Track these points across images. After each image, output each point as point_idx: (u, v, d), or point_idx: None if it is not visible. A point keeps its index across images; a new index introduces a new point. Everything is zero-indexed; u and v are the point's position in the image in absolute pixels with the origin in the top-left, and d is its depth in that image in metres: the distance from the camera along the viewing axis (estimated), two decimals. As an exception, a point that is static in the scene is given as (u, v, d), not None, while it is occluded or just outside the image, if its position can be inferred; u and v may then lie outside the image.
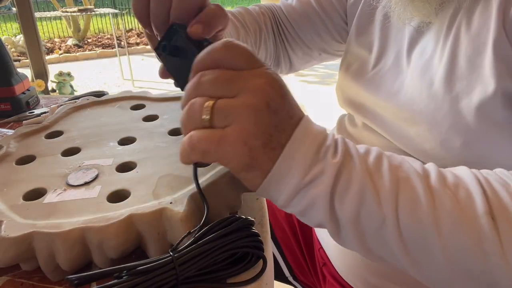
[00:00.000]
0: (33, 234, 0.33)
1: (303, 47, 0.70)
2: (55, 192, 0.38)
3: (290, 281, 0.73)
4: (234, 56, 0.31)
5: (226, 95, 0.30)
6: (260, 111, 0.29)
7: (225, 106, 0.30)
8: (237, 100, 0.30)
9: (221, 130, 0.30)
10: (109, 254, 0.33)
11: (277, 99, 0.30)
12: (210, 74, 0.31)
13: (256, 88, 0.30)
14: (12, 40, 5.21)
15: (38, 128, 0.51)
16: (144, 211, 0.34)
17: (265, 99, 0.30)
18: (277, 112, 0.30)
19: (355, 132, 0.58)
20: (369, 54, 0.57)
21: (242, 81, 0.30)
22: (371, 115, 0.54)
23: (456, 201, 0.30)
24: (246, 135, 0.29)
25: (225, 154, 0.30)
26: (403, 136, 0.48)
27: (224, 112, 0.30)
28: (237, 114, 0.29)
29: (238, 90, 0.30)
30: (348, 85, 0.59)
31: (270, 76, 0.31)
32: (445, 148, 0.43)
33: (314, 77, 4.28)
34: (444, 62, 0.44)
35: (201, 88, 0.31)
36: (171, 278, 0.30)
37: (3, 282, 0.34)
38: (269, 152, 0.30)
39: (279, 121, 0.30)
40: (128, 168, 0.42)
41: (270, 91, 0.30)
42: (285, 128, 0.30)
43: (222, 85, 0.30)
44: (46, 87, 2.59)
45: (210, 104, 0.30)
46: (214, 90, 0.31)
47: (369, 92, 0.54)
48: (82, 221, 0.34)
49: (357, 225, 0.30)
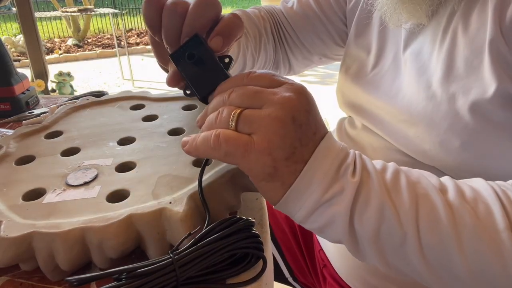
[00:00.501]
0: (32, 234, 0.33)
1: (303, 51, 0.70)
2: (54, 192, 0.38)
3: (290, 282, 0.73)
4: (260, 80, 0.33)
5: (254, 106, 0.31)
6: (285, 124, 0.30)
7: (252, 115, 0.31)
8: (264, 111, 0.31)
9: (248, 137, 0.30)
10: (108, 254, 0.33)
11: (303, 113, 0.31)
12: (238, 89, 0.32)
13: (283, 101, 0.31)
14: (12, 40, 5.21)
15: (37, 128, 0.51)
16: (144, 211, 0.34)
17: (291, 113, 0.30)
18: (301, 126, 0.31)
19: (355, 134, 0.58)
20: (367, 56, 0.57)
21: (270, 94, 0.31)
22: (371, 117, 0.54)
23: (475, 216, 0.30)
24: (271, 145, 0.30)
25: (249, 161, 0.30)
26: (402, 137, 0.48)
27: (250, 120, 0.31)
28: (264, 124, 0.30)
29: (265, 102, 0.31)
30: (348, 87, 0.59)
31: (297, 90, 0.32)
32: (444, 149, 0.43)
33: (314, 77, 4.28)
34: (441, 64, 0.44)
35: (229, 100, 0.32)
36: (171, 280, 0.30)
37: (3, 282, 0.34)
38: (291, 165, 0.31)
39: (303, 136, 0.31)
40: (128, 168, 0.42)
41: (297, 105, 0.31)
42: (308, 143, 0.31)
43: (250, 96, 0.32)
44: (46, 87, 2.59)
45: (238, 111, 0.31)
46: (242, 101, 0.32)
47: (368, 94, 0.54)
48: (81, 221, 0.34)
49: (377, 242, 0.31)
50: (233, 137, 0.30)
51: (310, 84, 4.00)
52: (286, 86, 0.32)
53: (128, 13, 7.08)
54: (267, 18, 0.68)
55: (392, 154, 0.50)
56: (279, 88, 0.32)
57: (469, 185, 0.33)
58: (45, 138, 0.49)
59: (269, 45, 0.68)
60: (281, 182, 0.31)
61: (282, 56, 0.71)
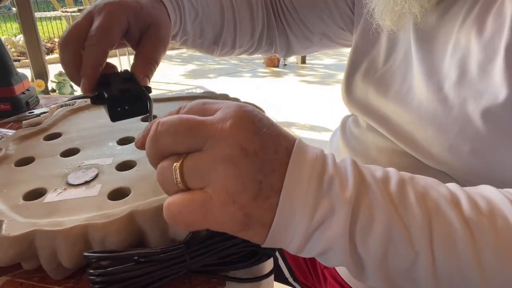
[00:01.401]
0: (34, 232, 0.33)
1: (304, 30, 0.67)
2: (55, 192, 0.38)
3: (291, 282, 0.73)
4: (190, 111, 0.29)
5: (193, 147, 0.26)
6: (237, 160, 0.25)
7: (196, 165, 0.26)
8: (207, 154, 0.26)
9: (201, 194, 0.26)
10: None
11: (252, 138, 0.26)
12: (167, 124, 0.27)
13: (224, 135, 0.26)
14: (12, 40, 5.21)
15: (36, 130, 0.51)
16: (146, 208, 0.34)
17: (238, 144, 0.26)
18: (256, 153, 0.26)
19: (360, 133, 0.58)
20: (377, 51, 0.56)
21: (206, 129, 0.26)
22: (378, 116, 0.53)
23: (495, 232, 0.27)
24: (231, 192, 0.25)
25: (214, 221, 0.26)
26: (409, 140, 0.48)
27: (195, 171, 0.26)
28: (213, 171, 0.25)
29: (204, 140, 0.26)
30: (355, 83, 0.58)
31: (236, 114, 0.27)
32: (453, 153, 0.42)
33: (314, 77, 4.28)
34: (454, 67, 0.43)
35: (161, 143, 0.27)
36: (182, 268, 0.31)
37: (3, 282, 0.34)
38: (263, 203, 0.26)
39: (264, 163, 0.26)
40: (128, 167, 0.42)
41: (241, 132, 0.26)
42: (273, 167, 0.26)
43: (184, 137, 0.26)
44: (46, 87, 2.59)
45: (178, 164, 0.26)
46: (177, 144, 0.27)
47: (377, 92, 0.53)
48: (83, 218, 0.34)
49: (384, 265, 0.27)
50: (185, 204, 0.26)
51: (310, 84, 4.01)
52: (222, 111, 0.27)
53: (128, 13, 7.06)
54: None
55: (398, 155, 0.50)
56: (215, 116, 0.27)
57: (481, 194, 0.29)
58: (44, 140, 0.49)
59: (257, 19, 0.65)
60: (259, 224, 0.26)
61: (279, 33, 0.69)
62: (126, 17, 0.43)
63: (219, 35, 0.62)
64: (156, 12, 0.47)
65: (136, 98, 0.41)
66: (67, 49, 0.42)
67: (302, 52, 0.73)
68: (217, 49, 0.64)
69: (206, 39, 0.61)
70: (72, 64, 0.42)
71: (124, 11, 0.43)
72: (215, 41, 0.62)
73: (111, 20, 0.42)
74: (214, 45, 0.63)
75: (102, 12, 0.42)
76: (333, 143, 0.63)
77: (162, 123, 0.27)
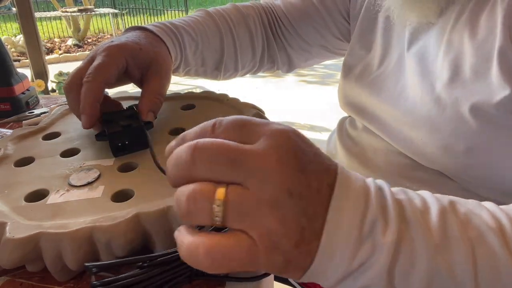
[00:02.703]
0: (40, 235, 0.32)
1: (301, 43, 0.69)
2: (58, 193, 0.38)
3: (290, 281, 0.73)
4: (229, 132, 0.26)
5: (232, 180, 0.24)
6: (282, 203, 0.24)
7: (240, 203, 0.24)
8: (251, 193, 0.24)
9: (246, 239, 0.24)
10: (116, 252, 0.33)
11: (298, 177, 0.24)
12: (206, 150, 0.24)
13: (270, 173, 0.24)
14: (12, 40, 5.21)
15: (34, 130, 0.51)
16: (151, 209, 0.34)
17: (284, 186, 0.24)
18: (301, 195, 0.24)
19: (356, 135, 0.58)
20: (372, 56, 0.57)
21: (249, 163, 0.24)
22: (373, 118, 0.54)
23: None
24: (275, 239, 0.24)
25: (255, 265, 0.25)
26: (404, 140, 0.48)
27: (239, 210, 0.24)
28: (257, 214, 0.24)
29: (247, 175, 0.24)
30: (350, 87, 0.59)
31: (280, 147, 0.25)
32: (448, 153, 0.43)
33: (314, 77, 4.28)
34: (446, 68, 0.43)
35: (197, 169, 0.25)
36: (186, 270, 0.31)
37: (3, 282, 0.34)
38: (304, 249, 0.24)
39: (307, 205, 0.24)
40: (130, 168, 0.42)
41: (287, 171, 0.24)
42: (315, 210, 0.24)
43: (225, 168, 0.24)
44: (46, 87, 2.59)
45: (221, 199, 0.24)
46: (215, 174, 0.24)
47: (372, 94, 0.54)
48: (88, 220, 0.34)
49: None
50: (230, 249, 0.24)
51: (309, 84, 4.01)
52: (265, 140, 0.25)
53: (128, 13, 7.07)
54: (257, 12, 0.68)
55: (393, 156, 0.50)
56: (258, 146, 0.25)
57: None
58: (43, 140, 0.49)
59: (257, 39, 0.67)
60: (297, 268, 0.25)
61: (279, 49, 0.70)
62: (125, 57, 0.47)
63: (220, 61, 0.64)
64: (156, 50, 0.50)
65: (136, 133, 0.44)
66: (71, 93, 0.46)
67: (303, 64, 0.75)
68: (220, 74, 0.66)
69: (208, 67, 0.63)
70: (77, 106, 0.45)
71: (122, 52, 0.47)
72: (217, 67, 0.65)
73: (109, 60, 0.46)
74: (217, 70, 0.65)
75: (102, 53, 0.46)
76: (331, 143, 0.64)
77: (199, 148, 0.25)
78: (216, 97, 0.56)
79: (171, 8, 6.89)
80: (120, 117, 0.47)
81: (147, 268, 0.30)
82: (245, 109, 0.51)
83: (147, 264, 0.30)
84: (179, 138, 0.28)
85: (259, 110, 0.52)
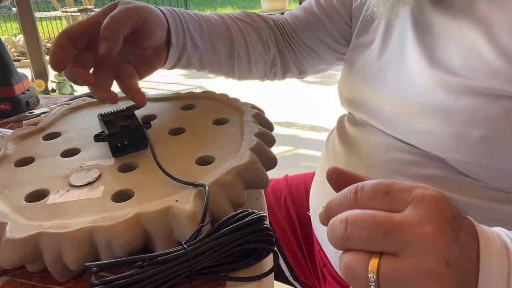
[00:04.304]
0: (40, 235, 0.33)
1: (310, 52, 0.70)
2: (58, 193, 0.38)
3: (291, 281, 0.73)
4: (376, 200, 0.26)
5: (387, 251, 0.25)
6: (441, 276, 0.24)
7: (395, 274, 0.24)
8: (408, 264, 0.24)
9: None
10: (117, 253, 0.33)
11: (453, 247, 0.24)
12: (358, 225, 0.25)
13: (426, 244, 0.24)
14: (12, 40, 5.20)
15: (35, 129, 0.51)
16: (151, 210, 0.34)
17: (442, 257, 0.24)
18: (457, 264, 0.24)
19: (355, 131, 0.58)
20: (372, 50, 0.57)
21: (403, 234, 0.24)
22: (372, 112, 0.54)
23: None
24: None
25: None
26: (408, 131, 0.48)
27: (395, 281, 0.24)
28: (414, 284, 0.24)
29: (401, 246, 0.24)
30: (350, 81, 0.59)
31: (434, 216, 0.25)
32: (460, 141, 0.42)
33: (314, 77, 4.28)
34: (462, 54, 0.43)
35: (352, 243, 0.26)
36: (185, 269, 0.31)
37: (3, 282, 0.34)
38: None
39: (462, 274, 0.24)
40: (130, 168, 0.42)
41: (442, 241, 0.24)
42: (467, 277, 0.24)
43: (378, 241, 0.25)
44: (46, 87, 2.59)
45: (374, 269, 0.25)
46: (369, 247, 0.25)
47: (373, 87, 0.54)
48: (88, 220, 0.34)
49: None
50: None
51: (310, 84, 4.01)
52: (415, 209, 0.25)
53: (128, 13, 7.07)
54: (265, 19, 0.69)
55: (391, 152, 0.50)
56: (410, 215, 0.25)
57: None
58: (43, 140, 0.49)
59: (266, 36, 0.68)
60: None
61: (291, 56, 0.71)
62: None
63: (231, 47, 0.63)
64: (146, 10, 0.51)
65: (134, 133, 0.45)
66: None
67: (316, 72, 0.75)
68: (234, 64, 0.65)
69: (221, 54, 0.62)
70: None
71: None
72: (230, 53, 0.63)
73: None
74: (230, 58, 0.64)
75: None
76: (329, 142, 0.64)
77: (351, 222, 0.26)
78: (216, 97, 0.56)
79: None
80: (118, 118, 0.47)
81: (147, 268, 0.30)
82: (245, 109, 0.51)
83: (146, 264, 0.30)
84: (325, 207, 0.30)
85: (259, 110, 0.52)
